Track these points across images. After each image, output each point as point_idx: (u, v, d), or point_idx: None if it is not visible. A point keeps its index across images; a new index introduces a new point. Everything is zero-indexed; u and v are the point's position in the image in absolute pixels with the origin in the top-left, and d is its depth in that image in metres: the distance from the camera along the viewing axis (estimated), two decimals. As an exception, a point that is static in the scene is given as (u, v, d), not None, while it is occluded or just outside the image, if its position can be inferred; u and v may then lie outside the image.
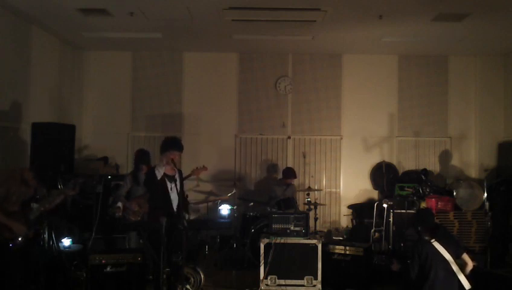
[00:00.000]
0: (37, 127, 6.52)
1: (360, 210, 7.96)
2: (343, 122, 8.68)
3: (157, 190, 5.08)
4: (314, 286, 5.73)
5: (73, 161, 7.08)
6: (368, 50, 8.32)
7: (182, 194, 5.19)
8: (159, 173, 5.07)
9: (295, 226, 5.91)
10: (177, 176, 5.14)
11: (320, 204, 7.41)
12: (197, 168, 6.47)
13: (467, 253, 4.60)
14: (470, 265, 4.49)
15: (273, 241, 5.77)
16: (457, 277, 4.38)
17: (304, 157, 8.44)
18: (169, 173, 5.14)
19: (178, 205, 5.07)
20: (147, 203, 6.02)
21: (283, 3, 5.95)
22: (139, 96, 8.67)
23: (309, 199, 7.21)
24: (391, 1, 5.81)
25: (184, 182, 6.49)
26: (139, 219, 5.94)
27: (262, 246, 5.79)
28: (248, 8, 6.13)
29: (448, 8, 6.00)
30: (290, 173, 7.63)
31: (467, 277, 4.42)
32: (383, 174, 8.32)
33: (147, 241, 5.93)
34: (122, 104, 8.63)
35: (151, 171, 5.15)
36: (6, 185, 4.57)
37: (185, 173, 5.84)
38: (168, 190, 5.10)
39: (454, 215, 7.05)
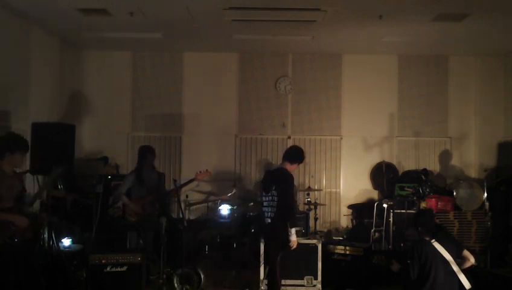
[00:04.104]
0: (37, 127, 6.50)
1: (360, 210, 7.94)
2: (343, 122, 8.67)
3: None
4: (314, 286, 5.73)
5: (73, 161, 7.07)
6: (368, 50, 8.31)
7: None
8: None
9: (295, 226, 5.90)
10: None
11: (320, 204, 7.42)
12: (200, 172, 6.22)
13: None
14: (472, 260, 4.48)
15: (273, 241, 5.77)
16: (457, 277, 4.37)
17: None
18: None
19: None
20: (147, 206, 6.01)
21: (283, 3, 5.95)
22: (139, 96, 8.66)
23: (309, 199, 7.21)
24: (391, 1, 5.81)
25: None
26: (136, 219, 5.93)
27: (262, 246, 5.79)
28: (248, 8, 6.13)
29: (448, 8, 6.00)
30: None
31: (467, 276, 4.42)
32: (383, 174, 8.30)
33: (147, 241, 5.96)
34: (122, 104, 8.61)
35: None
36: None
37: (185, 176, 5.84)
38: None
39: (454, 215, 7.05)
